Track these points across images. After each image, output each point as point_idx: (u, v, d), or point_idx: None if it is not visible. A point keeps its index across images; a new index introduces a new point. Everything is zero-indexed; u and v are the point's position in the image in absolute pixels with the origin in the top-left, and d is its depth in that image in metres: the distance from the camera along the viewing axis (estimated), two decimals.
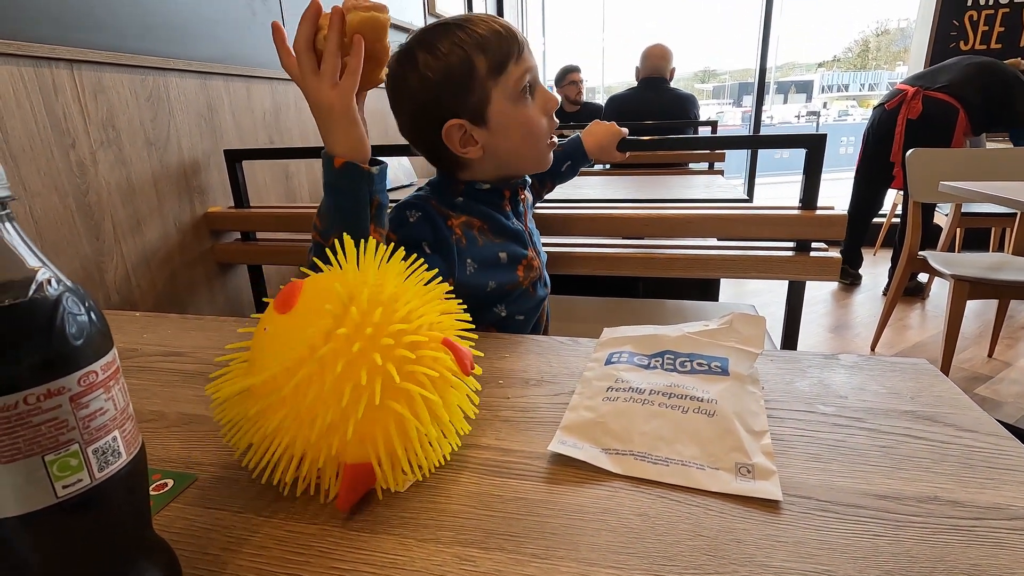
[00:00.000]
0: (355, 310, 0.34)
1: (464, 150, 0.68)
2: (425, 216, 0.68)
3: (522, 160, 0.73)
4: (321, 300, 0.34)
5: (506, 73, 0.65)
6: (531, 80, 0.68)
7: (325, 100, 0.52)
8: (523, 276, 0.75)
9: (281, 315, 0.35)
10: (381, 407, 0.33)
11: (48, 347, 0.22)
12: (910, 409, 0.44)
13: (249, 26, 1.47)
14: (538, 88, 0.70)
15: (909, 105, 2.40)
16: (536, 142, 0.71)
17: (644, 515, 0.34)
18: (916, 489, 0.35)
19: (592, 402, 0.44)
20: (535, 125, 0.70)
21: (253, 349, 0.37)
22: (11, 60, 0.92)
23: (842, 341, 2.30)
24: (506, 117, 0.67)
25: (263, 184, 1.55)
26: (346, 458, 0.34)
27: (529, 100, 0.68)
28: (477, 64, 0.64)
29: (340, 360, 0.32)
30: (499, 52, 0.65)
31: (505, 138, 0.68)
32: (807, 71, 15.91)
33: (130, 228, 1.16)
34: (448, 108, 0.66)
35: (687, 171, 2.46)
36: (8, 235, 0.22)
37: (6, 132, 0.92)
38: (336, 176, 0.54)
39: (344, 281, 0.35)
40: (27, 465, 0.22)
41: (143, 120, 1.17)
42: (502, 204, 0.75)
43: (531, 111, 0.69)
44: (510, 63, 0.66)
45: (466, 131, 0.67)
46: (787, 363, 0.53)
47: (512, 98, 0.67)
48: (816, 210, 1.00)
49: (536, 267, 0.77)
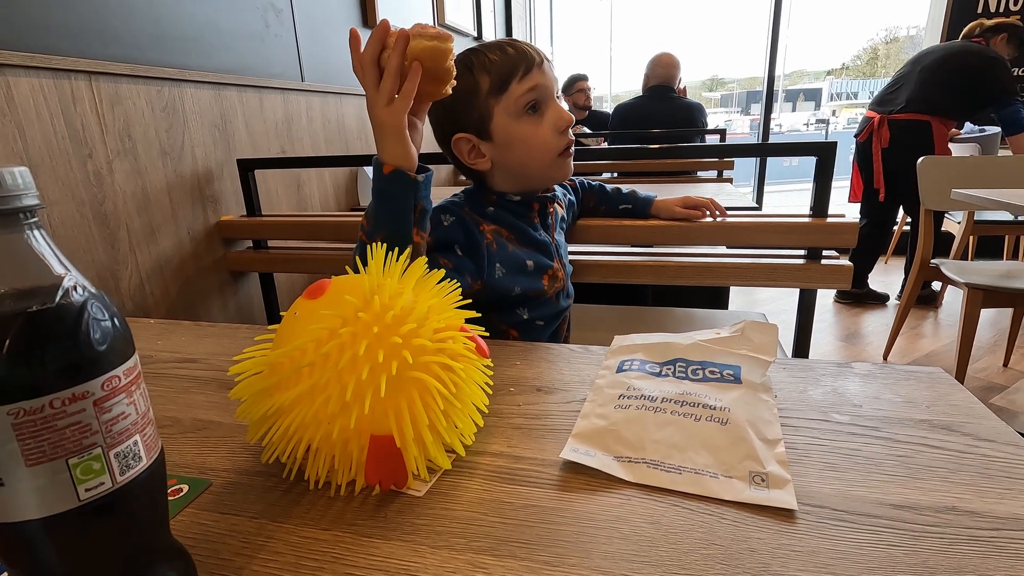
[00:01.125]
0: (377, 300, 0.36)
1: (473, 161, 0.74)
2: (458, 220, 0.73)
3: (530, 172, 0.76)
4: (345, 292, 0.37)
5: (508, 91, 0.70)
6: (537, 98, 0.71)
7: (378, 116, 0.56)
8: (548, 285, 0.78)
9: (310, 301, 0.38)
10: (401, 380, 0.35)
11: (74, 352, 0.22)
12: (926, 418, 0.44)
13: (263, 38, 1.49)
14: (550, 106, 0.72)
15: (878, 135, 2.39)
16: (540, 156, 0.73)
17: (657, 523, 0.34)
18: (933, 499, 0.35)
19: (604, 410, 0.44)
20: (536, 140, 0.72)
21: (281, 329, 0.39)
22: (32, 72, 0.94)
23: (853, 350, 2.28)
24: (508, 132, 0.72)
25: (275, 193, 1.57)
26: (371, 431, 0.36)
27: (534, 118, 0.72)
28: (480, 83, 0.70)
29: (362, 341, 0.34)
30: (502, 72, 0.70)
31: (509, 152, 0.73)
32: (816, 79, 15.88)
33: (145, 236, 1.17)
34: (456, 123, 0.73)
35: (696, 179, 2.45)
36: (36, 243, 0.23)
37: (26, 142, 0.94)
38: (385, 182, 0.58)
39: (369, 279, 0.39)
40: (51, 468, 0.22)
41: (158, 130, 1.19)
42: (530, 216, 0.79)
43: (534, 128, 0.72)
44: (512, 82, 0.70)
45: (474, 144, 0.73)
46: (800, 371, 0.53)
47: (514, 115, 0.71)
48: (827, 218, 0.99)
49: (561, 278, 0.80)
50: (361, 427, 0.35)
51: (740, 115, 14.62)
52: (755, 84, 13.93)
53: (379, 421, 0.35)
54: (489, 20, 3.36)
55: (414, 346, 0.36)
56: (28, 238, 0.22)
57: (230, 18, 1.38)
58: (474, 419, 0.41)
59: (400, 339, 0.35)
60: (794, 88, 15.23)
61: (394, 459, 0.36)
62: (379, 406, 0.35)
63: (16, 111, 0.92)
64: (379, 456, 0.36)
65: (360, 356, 0.34)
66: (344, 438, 0.35)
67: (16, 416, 0.21)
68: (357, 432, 0.35)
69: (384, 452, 0.36)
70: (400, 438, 0.35)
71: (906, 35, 13.91)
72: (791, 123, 13.44)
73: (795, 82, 14.88)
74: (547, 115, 0.72)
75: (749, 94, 15.06)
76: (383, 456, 0.36)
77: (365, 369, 0.34)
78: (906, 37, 14.02)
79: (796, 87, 15.29)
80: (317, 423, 0.35)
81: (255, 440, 0.38)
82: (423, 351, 0.36)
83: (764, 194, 3.83)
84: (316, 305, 0.38)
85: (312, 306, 0.38)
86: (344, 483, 0.38)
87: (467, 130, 0.72)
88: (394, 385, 0.35)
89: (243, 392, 0.37)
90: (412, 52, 0.54)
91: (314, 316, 0.36)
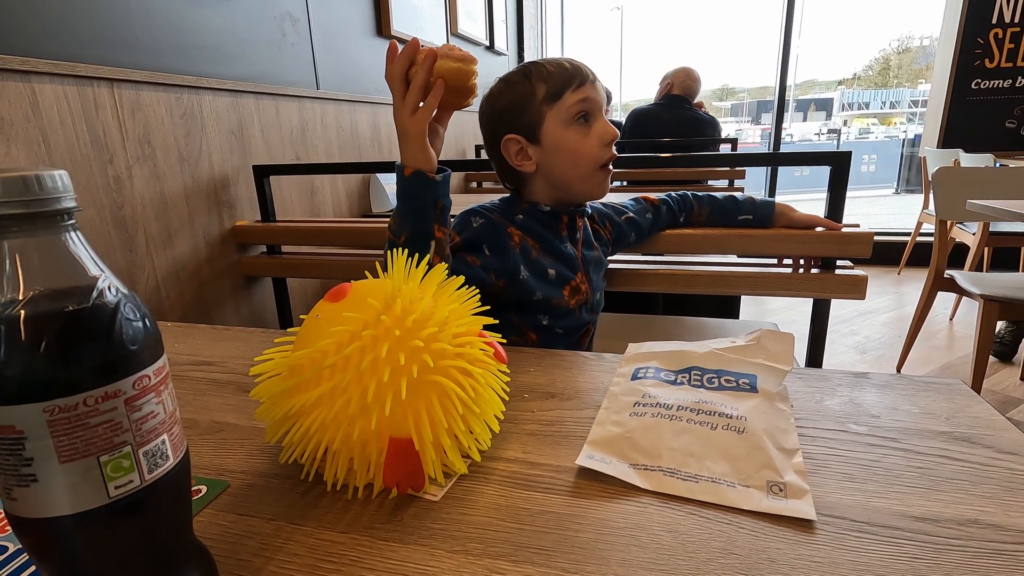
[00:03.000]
0: (399, 303, 0.37)
1: (519, 163, 0.77)
2: (487, 223, 0.76)
3: (571, 182, 0.78)
4: (367, 296, 0.38)
5: (561, 100, 0.74)
6: (587, 109, 0.74)
7: (402, 123, 0.60)
8: (568, 296, 0.80)
9: (332, 304, 0.39)
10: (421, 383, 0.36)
11: (107, 351, 0.23)
12: (946, 430, 0.43)
13: (279, 46, 1.51)
14: (598, 119, 0.76)
15: None
16: (584, 166, 0.76)
17: (674, 532, 0.34)
18: (955, 512, 0.34)
19: (619, 417, 0.44)
20: (583, 149, 0.75)
21: (302, 331, 0.40)
22: (57, 79, 0.96)
23: (867, 360, 2.25)
24: (557, 139, 0.75)
25: (288, 199, 1.58)
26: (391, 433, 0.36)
27: (583, 128, 0.75)
28: (537, 90, 0.74)
29: (384, 344, 0.35)
30: (559, 82, 0.74)
31: (556, 158, 0.76)
32: (827, 89, 15.83)
33: (162, 241, 1.19)
34: (508, 124, 0.76)
35: (707, 188, 2.45)
36: (74, 244, 0.23)
37: (50, 147, 0.96)
38: (407, 184, 0.62)
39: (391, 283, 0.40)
40: (83, 465, 0.22)
41: (177, 136, 1.21)
42: (559, 228, 0.81)
43: (581, 137, 0.75)
44: (567, 91, 0.74)
45: (522, 147, 0.77)
46: (816, 381, 0.52)
47: (564, 122, 0.74)
48: (841, 227, 0.99)
49: (584, 291, 0.82)
50: (381, 429, 0.35)
51: (750, 125, 14.60)
52: (766, 94, 13.90)
53: (398, 424, 0.36)
54: (501, 30, 3.39)
55: (434, 350, 0.36)
56: (66, 240, 0.23)
57: (248, 27, 1.40)
58: (490, 425, 0.41)
59: (421, 342, 0.36)
60: (805, 98, 15.20)
61: (412, 462, 0.37)
62: (399, 408, 0.35)
63: (41, 117, 0.94)
64: (397, 458, 0.36)
65: (382, 359, 0.34)
66: (363, 440, 0.36)
67: (51, 413, 0.22)
68: (376, 434, 0.36)
69: (402, 455, 0.36)
70: (419, 441, 0.36)
71: (919, 45, 13.84)
72: (802, 133, 13.40)
73: (806, 92, 14.84)
74: (595, 127, 0.75)
75: (759, 104, 15.04)
76: (401, 459, 0.36)
77: (386, 371, 0.34)
78: (919, 47, 13.95)
79: (807, 97, 15.24)
80: (337, 424, 0.35)
81: (274, 441, 0.39)
82: (443, 355, 0.37)
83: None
84: (338, 308, 0.38)
85: (334, 309, 0.38)
86: (362, 485, 0.38)
87: (518, 132, 0.76)
88: (414, 388, 0.35)
89: (264, 393, 0.38)
90: (438, 71, 0.58)
91: (337, 318, 0.37)
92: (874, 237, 0.97)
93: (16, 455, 0.22)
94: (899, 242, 3.48)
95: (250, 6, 1.40)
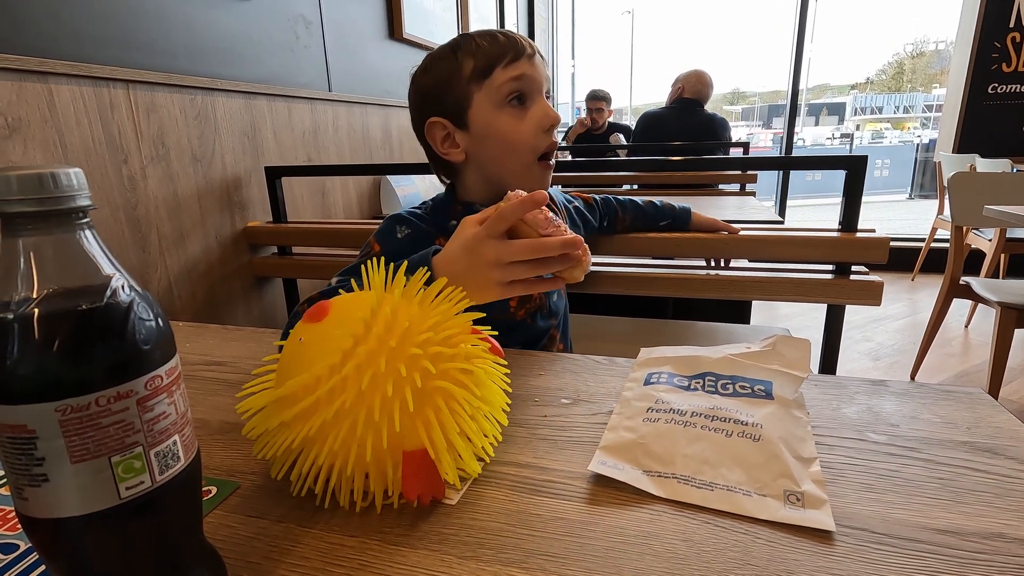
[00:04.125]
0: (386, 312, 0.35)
1: (446, 151, 0.69)
2: (413, 234, 0.68)
3: (505, 174, 0.68)
4: (351, 311, 0.36)
5: (491, 77, 0.64)
6: (522, 89, 0.65)
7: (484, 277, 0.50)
8: (516, 307, 0.71)
9: (314, 324, 0.37)
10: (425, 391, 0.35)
11: (120, 350, 0.23)
12: (968, 440, 0.42)
13: (292, 49, 1.52)
14: (537, 101, 0.66)
15: None
16: (519, 156, 0.67)
17: (689, 540, 0.33)
18: (979, 525, 0.33)
19: (632, 422, 0.43)
20: (517, 136, 0.66)
21: (285, 357, 0.38)
22: (74, 80, 0.97)
23: (880, 367, 2.22)
24: (486, 123, 0.66)
25: (300, 200, 1.59)
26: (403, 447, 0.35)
27: (517, 111, 0.66)
28: (463, 66, 0.65)
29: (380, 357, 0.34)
30: (489, 57, 0.64)
31: (487, 146, 0.67)
32: (839, 93, 15.72)
33: (174, 241, 1.20)
34: (432, 106, 0.68)
35: (718, 192, 2.43)
36: (88, 243, 0.23)
37: (66, 147, 0.97)
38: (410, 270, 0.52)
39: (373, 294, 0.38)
40: (95, 466, 0.22)
41: (191, 137, 1.22)
42: None
43: (516, 122, 0.66)
44: (497, 67, 0.64)
45: (448, 132, 0.68)
46: (832, 388, 0.51)
47: (496, 104, 0.65)
48: (857, 232, 0.98)
49: (536, 298, 0.73)
50: (392, 444, 0.34)
51: (761, 129, 14.52)
52: (777, 98, 13.81)
53: (409, 435, 0.35)
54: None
55: (432, 355, 0.35)
56: (80, 238, 0.23)
57: (262, 30, 1.41)
58: (498, 419, 0.41)
59: (419, 350, 0.35)
60: (817, 102, 15.09)
61: (429, 471, 0.36)
62: (408, 420, 0.34)
63: (57, 117, 0.95)
64: (415, 471, 0.35)
65: (381, 373, 0.33)
66: (377, 458, 0.35)
67: (63, 413, 0.21)
68: (390, 450, 0.35)
69: (419, 466, 0.35)
70: (433, 449, 0.35)
71: (934, 50, 13.69)
72: (814, 137, 13.30)
73: (818, 96, 14.72)
74: (532, 110, 0.66)
75: (771, 108, 14.94)
76: (418, 470, 0.35)
77: (389, 385, 0.33)
78: (933, 52, 13.79)
79: (819, 101, 15.13)
80: (347, 448, 0.34)
81: (281, 476, 0.37)
82: (442, 358, 0.36)
83: (787, 208, 3.79)
84: (323, 328, 0.36)
85: (319, 329, 0.36)
86: (380, 502, 0.37)
87: (444, 115, 0.67)
88: (420, 397, 0.34)
89: (258, 427, 0.36)
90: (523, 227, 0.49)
91: (324, 339, 0.35)
92: (890, 242, 0.95)
93: (28, 455, 0.22)
94: (913, 248, 3.44)
95: (264, 9, 1.41)
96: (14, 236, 0.22)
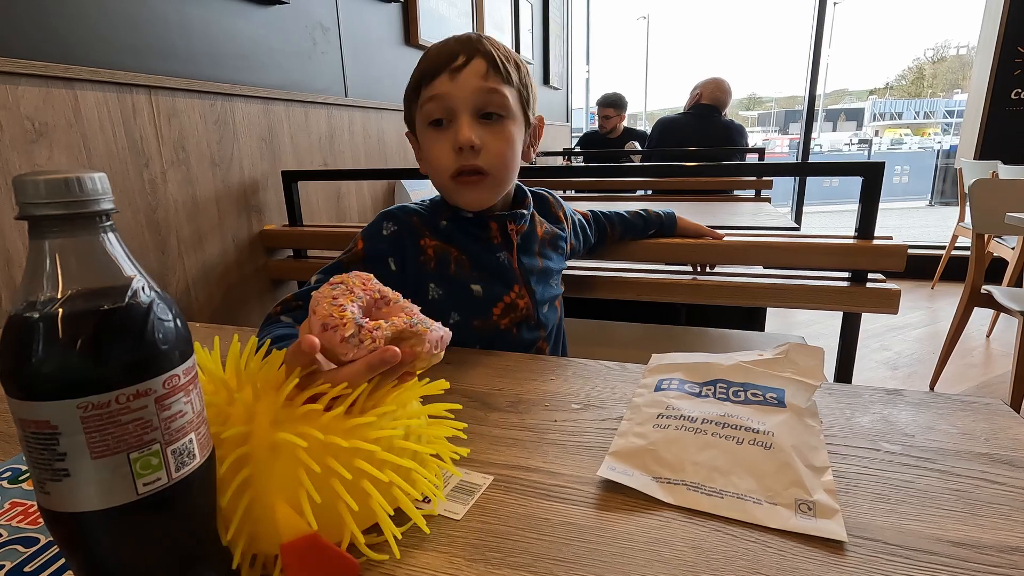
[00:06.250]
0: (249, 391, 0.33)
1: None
2: (399, 232, 0.67)
3: (440, 190, 0.68)
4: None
5: (420, 95, 0.63)
6: (436, 110, 0.62)
7: None
8: (499, 316, 0.69)
9: None
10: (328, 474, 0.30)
11: (140, 350, 0.23)
12: (986, 452, 0.42)
13: (310, 55, 1.55)
14: (454, 119, 0.62)
15: None
16: (437, 174, 0.65)
17: (698, 548, 0.33)
18: (996, 538, 0.33)
19: (642, 428, 0.43)
20: (433, 155, 0.64)
21: None
22: (98, 86, 1.00)
23: (898, 377, 2.18)
24: (421, 139, 0.66)
25: (315, 204, 1.61)
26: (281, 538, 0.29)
27: (435, 130, 0.63)
28: (412, 78, 0.65)
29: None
30: (420, 73, 0.63)
31: (425, 162, 0.67)
32: (858, 98, 15.52)
33: (192, 244, 1.22)
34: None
35: (733, 198, 2.42)
36: (110, 245, 0.24)
37: (90, 152, 0.99)
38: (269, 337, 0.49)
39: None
40: (114, 461, 0.23)
41: (210, 142, 1.25)
42: (488, 237, 0.69)
43: (431, 142, 0.64)
44: (423, 86, 0.62)
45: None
46: (846, 397, 0.51)
47: (422, 122, 0.64)
48: (873, 239, 0.96)
49: (522, 307, 0.70)
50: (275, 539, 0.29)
51: (778, 135, 14.39)
52: (794, 103, 13.69)
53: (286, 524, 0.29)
54: (527, 39, 3.41)
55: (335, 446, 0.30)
56: (103, 240, 0.24)
57: (281, 37, 1.43)
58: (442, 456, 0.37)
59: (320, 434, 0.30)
60: (835, 107, 14.92)
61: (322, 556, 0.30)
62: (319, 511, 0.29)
63: (82, 122, 0.98)
64: (301, 562, 0.29)
65: None
66: None
67: (85, 410, 0.22)
68: None
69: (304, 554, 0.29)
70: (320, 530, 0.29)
71: (955, 54, 13.47)
72: (831, 143, 13.14)
73: (836, 101, 14.56)
74: (447, 131, 0.62)
75: (787, 113, 14.81)
76: (306, 559, 0.29)
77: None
78: (955, 56, 13.57)
79: (837, 106, 14.96)
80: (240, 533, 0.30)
81: None
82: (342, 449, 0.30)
83: (803, 215, 3.74)
84: None
85: None
86: None
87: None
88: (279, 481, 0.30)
89: None
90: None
91: None
92: (907, 250, 0.94)
93: (50, 450, 0.22)
94: (933, 255, 3.38)
95: (283, 16, 1.44)
96: (41, 238, 0.23)
